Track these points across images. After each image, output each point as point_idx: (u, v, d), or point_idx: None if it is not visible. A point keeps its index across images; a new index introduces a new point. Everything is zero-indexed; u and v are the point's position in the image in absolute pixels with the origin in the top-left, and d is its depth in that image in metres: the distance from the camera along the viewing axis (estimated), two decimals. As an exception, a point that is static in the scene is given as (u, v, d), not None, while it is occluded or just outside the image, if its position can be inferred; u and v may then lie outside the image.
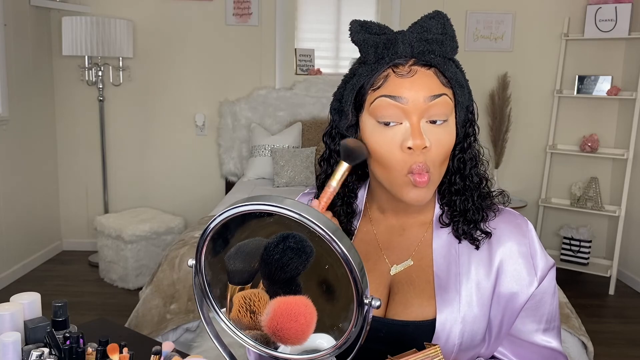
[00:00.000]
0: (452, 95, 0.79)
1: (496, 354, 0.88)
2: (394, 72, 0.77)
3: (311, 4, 4.05)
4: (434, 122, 0.78)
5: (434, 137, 0.77)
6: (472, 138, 0.85)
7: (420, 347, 0.76)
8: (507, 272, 0.84)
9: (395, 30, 0.80)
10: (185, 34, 3.96)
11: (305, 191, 1.00)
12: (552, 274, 0.86)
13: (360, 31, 0.79)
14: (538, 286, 0.84)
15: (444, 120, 0.78)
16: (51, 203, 4.03)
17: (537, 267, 0.84)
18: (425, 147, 0.76)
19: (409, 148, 0.76)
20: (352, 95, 0.82)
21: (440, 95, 0.77)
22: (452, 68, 0.78)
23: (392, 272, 0.86)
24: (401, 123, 0.77)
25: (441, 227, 0.87)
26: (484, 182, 0.87)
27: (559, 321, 0.90)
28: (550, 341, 0.87)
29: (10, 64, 3.46)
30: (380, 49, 0.78)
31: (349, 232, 0.91)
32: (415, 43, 0.77)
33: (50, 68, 3.95)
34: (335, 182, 0.75)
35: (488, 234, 0.85)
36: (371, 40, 0.78)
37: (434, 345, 0.71)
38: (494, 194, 0.89)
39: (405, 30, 0.79)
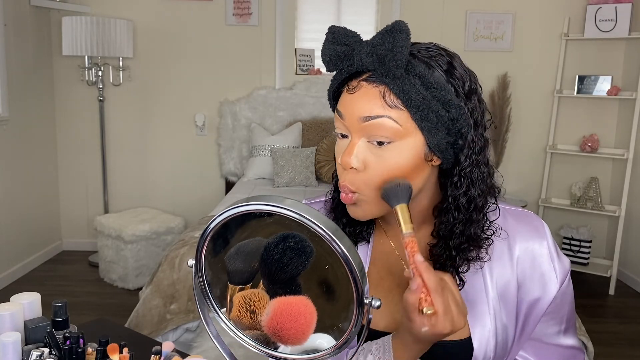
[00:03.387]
0: (402, 117, 0.73)
1: (518, 358, 0.88)
2: (347, 85, 0.77)
3: (311, 4, 4.05)
4: (381, 143, 0.74)
5: (374, 158, 0.75)
6: (466, 165, 0.77)
7: None
8: (530, 276, 0.83)
9: (363, 40, 0.76)
10: (185, 34, 3.97)
11: (320, 199, 0.96)
12: (569, 274, 0.86)
13: (327, 41, 0.77)
14: (559, 288, 0.84)
15: (390, 142, 0.74)
16: (51, 203, 4.04)
17: (557, 271, 0.84)
18: (352, 167, 0.75)
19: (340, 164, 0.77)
20: (332, 101, 0.82)
21: (376, 117, 0.73)
22: (408, 87, 0.71)
23: (405, 273, 0.85)
24: (348, 137, 0.77)
25: None
26: (480, 215, 0.80)
27: (574, 317, 0.91)
28: (570, 339, 0.89)
29: (10, 64, 3.46)
30: (334, 60, 0.76)
31: (363, 237, 0.88)
32: (365, 58, 0.72)
33: (50, 68, 3.95)
34: (405, 228, 0.70)
35: (462, 283, 0.81)
36: (327, 51, 0.77)
37: None
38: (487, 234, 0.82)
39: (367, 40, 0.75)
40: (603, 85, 3.70)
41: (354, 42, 0.75)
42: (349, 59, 0.75)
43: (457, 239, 0.79)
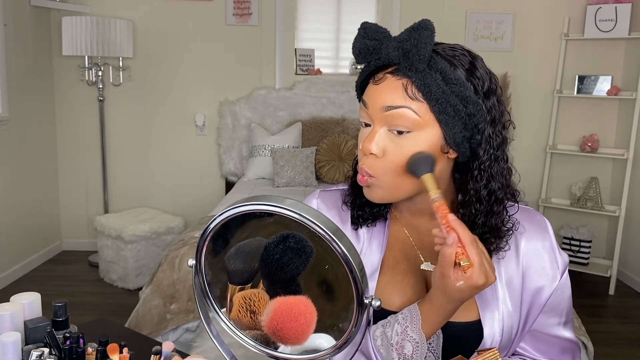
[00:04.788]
0: (421, 108, 0.77)
1: (518, 349, 0.92)
2: (373, 77, 0.81)
3: (311, 4, 4.05)
4: (400, 132, 0.79)
5: (393, 146, 0.80)
6: (485, 159, 0.81)
7: (467, 349, 0.82)
8: (533, 267, 0.88)
9: (392, 36, 0.81)
10: (185, 34, 3.97)
11: (335, 187, 1.00)
12: (567, 271, 0.91)
13: (359, 35, 0.81)
14: (560, 279, 0.88)
15: (409, 131, 0.78)
16: (51, 203, 4.04)
17: (558, 262, 0.89)
18: (372, 153, 0.80)
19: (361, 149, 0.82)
20: (358, 91, 0.87)
21: (397, 107, 0.77)
22: (429, 81, 0.76)
23: (421, 267, 0.89)
24: (370, 125, 0.82)
25: None
26: (500, 207, 0.84)
27: (572, 314, 0.95)
28: (569, 333, 0.92)
29: (10, 64, 3.46)
30: (364, 53, 0.80)
31: (381, 215, 0.92)
32: (391, 52, 0.77)
33: (50, 68, 3.95)
34: (434, 193, 0.75)
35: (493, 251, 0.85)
36: (357, 44, 0.81)
37: (491, 348, 0.77)
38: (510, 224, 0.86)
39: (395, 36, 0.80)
40: (603, 85, 3.70)
41: (383, 37, 0.79)
42: (377, 53, 0.79)
43: (480, 229, 0.83)
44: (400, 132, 0.78)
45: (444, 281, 0.74)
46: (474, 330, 0.85)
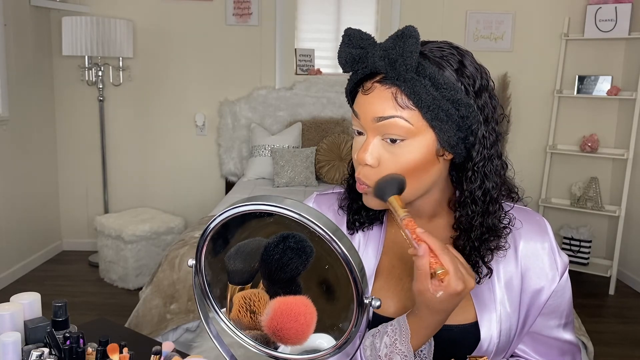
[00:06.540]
0: (413, 116, 0.76)
1: (517, 351, 0.91)
2: (362, 86, 0.80)
3: (311, 4, 4.05)
4: (394, 140, 0.77)
5: (388, 155, 0.78)
6: (478, 160, 0.80)
7: (465, 351, 0.82)
8: (532, 269, 0.87)
9: (377, 42, 0.79)
10: (185, 34, 3.97)
11: (332, 191, 0.99)
12: (567, 272, 0.90)
13: (343, 43, 0.80)
14: (560, 280, 0.88)
15: (402, 139, 0.77)
16: (51, 203, 4.03)
17: (558, 264, 0.88)
18: (367, 164, 0.79)
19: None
20: (349, 98, 0.86)
21: (389, 117, 0.76)
22: (419, 88, 0.74)
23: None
24: (364, 134, 0.81)
25: None
26: (496, 206, 0.83)
27: (573, 315, 0.94)
28: (569, 335, 0.92)
29: (10, 64, 3.46)
30: (350, 63, 0.79)
31: (378, 218, 0.91)
32: (378, 61, 0.76)
33: (50, 68, 3.95)
34: (401, 212, 0.75)
35: (490, 271, 0.84)
36: (343, 54, 0.80)
37: (482, 357, 0.77)
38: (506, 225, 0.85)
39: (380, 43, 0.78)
40: (603, 85, 3.70)
41: (368, 44, 0.78)
42: (364, 61, 0.78)
43: (478, 230, 0.83)
44: (393, 141, 0.77)
45: (424, 296, 0.73)
46: (471, 332, 0.84)
